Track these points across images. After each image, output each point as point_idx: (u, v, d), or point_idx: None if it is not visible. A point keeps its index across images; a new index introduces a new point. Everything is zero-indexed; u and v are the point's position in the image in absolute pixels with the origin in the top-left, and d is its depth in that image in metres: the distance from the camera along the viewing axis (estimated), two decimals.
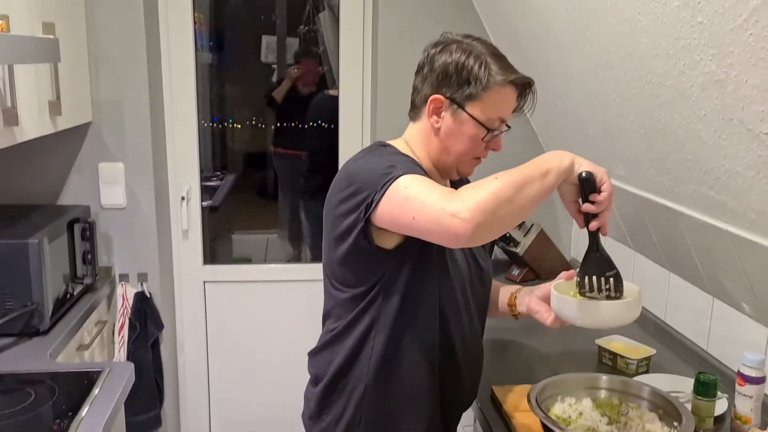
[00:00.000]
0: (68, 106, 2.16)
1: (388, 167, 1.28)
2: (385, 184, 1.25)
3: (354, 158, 1.42)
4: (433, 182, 1.26)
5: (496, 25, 2.51)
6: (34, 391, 1.67)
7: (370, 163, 1.34)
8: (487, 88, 1.34)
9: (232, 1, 3.22)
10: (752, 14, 1.11)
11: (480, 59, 1.35)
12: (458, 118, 1.37)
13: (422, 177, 1.27)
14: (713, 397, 1.50)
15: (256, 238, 3.54)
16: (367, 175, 1.30)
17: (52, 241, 2.03)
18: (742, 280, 1.64)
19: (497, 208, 1.16)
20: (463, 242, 1.18)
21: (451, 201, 1.17)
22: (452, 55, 1.36)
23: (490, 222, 1.16)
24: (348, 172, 1.37)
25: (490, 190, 1.17)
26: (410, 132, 1.46)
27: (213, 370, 2.95)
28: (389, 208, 1.25)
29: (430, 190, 1.22)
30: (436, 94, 1.37)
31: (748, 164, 1.37)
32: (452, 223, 1.15)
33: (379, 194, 1.25)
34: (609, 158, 2.06)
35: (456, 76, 1.35)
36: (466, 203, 1.15)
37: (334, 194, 1.37)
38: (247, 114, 3.43)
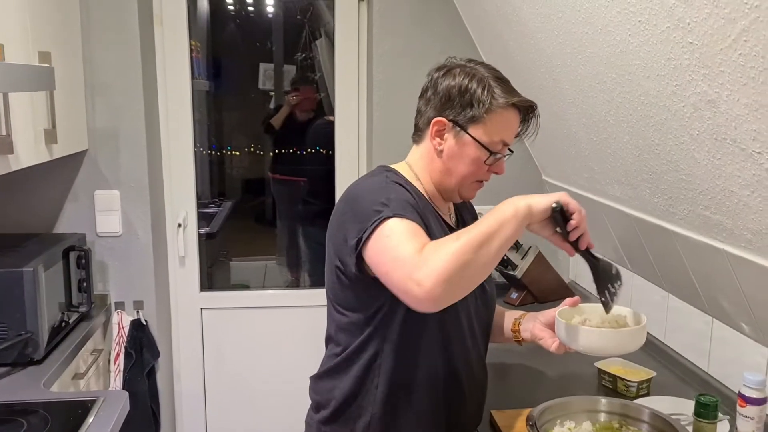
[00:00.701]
0: (64, 134, 2.16)
1: (381, 204, 1.27)
2: (375, 222, 1.25)
3: (356, 182, 1.43)
4: (413, 231, 1.24)
5: (490, 49, 2.53)
6: (26, 421, 1.65)
7: (367, 192, 1.34)
8: (490, 110, 1.36)
9: (229, 29, 3.25)
10: (741, 34, 1.12)
11: (483, 82, 1.37)
12: (461, 140, 1.38)
13: (407, 224, 1.25)
14: (714, 419, 1.48)
15: (255, 265, 3.53)
16: (361, 206, 1.31)
17: (48, 269, 2.03)
18: (740, 300, 1.63)
19: (462, 270, 1.16)
20: (426, 308, 1.19)
21: (418, 265, 1.16)
22: (456, 78, 1.38)
23: (454, 288, 1.17)
24: (348, 197, 1.38)
25: (453, 252, 1.15)
26: (413, 155, 1.47)
27: (210, 398, 2.92)
28: (373, 252, 1.25)
29: (406, 244, 1.20)
30: (439, 116, 1.39)
31: (742, 183, 1.37)
32: (417, 291, 1.15)
33: (368, 231, 1.25)
34: (604, 179, 2.06)
35: (459, 99, 1.37)
36: (430, 270, 1.14)
37: (335, 217, 1.38)
38: (245, 141, 3.44)
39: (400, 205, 1.29)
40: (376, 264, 1.25)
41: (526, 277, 2.49)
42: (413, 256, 1.18)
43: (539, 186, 2.74)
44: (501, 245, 1.20)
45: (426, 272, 1.14)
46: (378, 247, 1.24)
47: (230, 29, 3.26)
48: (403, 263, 1.18)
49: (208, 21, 3.13)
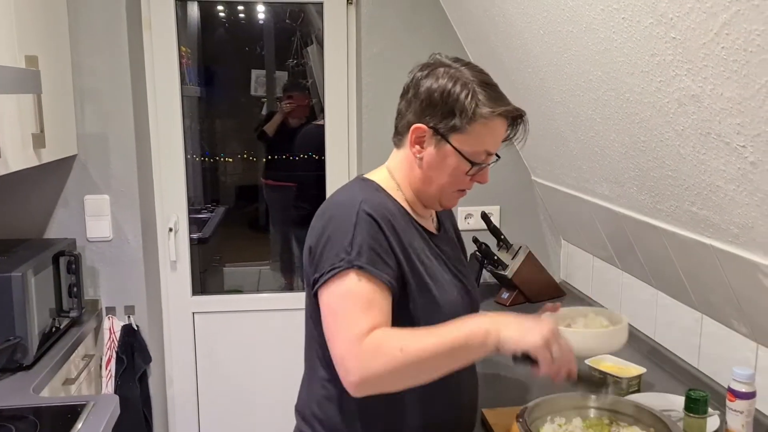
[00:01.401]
0: (52, 139, 2.16)
1: (345, 248, 1.20)
2: (333, 270, 1.19)
3: (334, 196, 1.35)
4: (367, 302, 1.18)
5: (478, 50, 2.54)
6: (14, 426, 1.64)
7: (338, 223, 1.25)
8: (473, 120, 1.26)
9: (219, 35, 3.26)
10: (723, 28, 1.12)
11: (467, 88, 1.26)
12: (441, 150, 1.29)
13: (363, 287, 1.18)
14: (704, 413, 1.48)
15: (248, 271, 3.52)
16: (331, 237, 1.23)
17: (37, 274, 2.02)
18: (729, 295, 1.64)
19: (393, 382, 1.15)
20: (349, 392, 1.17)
21: (352, 355, 1.13)
22: (438, 80, 1.28)
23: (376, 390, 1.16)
24: (326, 216, 1.29)
25: (391, 366, 1.12)
26: (393, 159, 1.40)
27: (203, 403, 2.91)
28: (324, 302, 1.21)
29: (354, 319, 1.16)
30: (419, 122, 1.30)
31: (728, 178, 1.38)
32: (344, 377, 1.15)
33: (326, 276, 1.20)
34: (592, 178, 2.07)
35: (441, 106, 1.27)
36: (362, 371, 1.12)
37: (311, 233, 1.30)
38: (238, 147, 3.44)
39: (366, 254, 1.20)
40: (323, 317, 1.22)
41: (516, 277, 2.49)
42: (353, 342, 1.14)
43: (529, 186, 2.75)
44: (452, 368, 1.17)
45: (357, 367, 1.13)
46: (329, 304, 1.20)
47: (221, 36, 3.26)
48: (341, 342, 1.15)
49: (199, 27, 3.13)
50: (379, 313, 1.18)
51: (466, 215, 2.75)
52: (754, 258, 1.46)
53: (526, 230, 2.80)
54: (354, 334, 1.14)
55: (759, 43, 1.07)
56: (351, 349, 1.14)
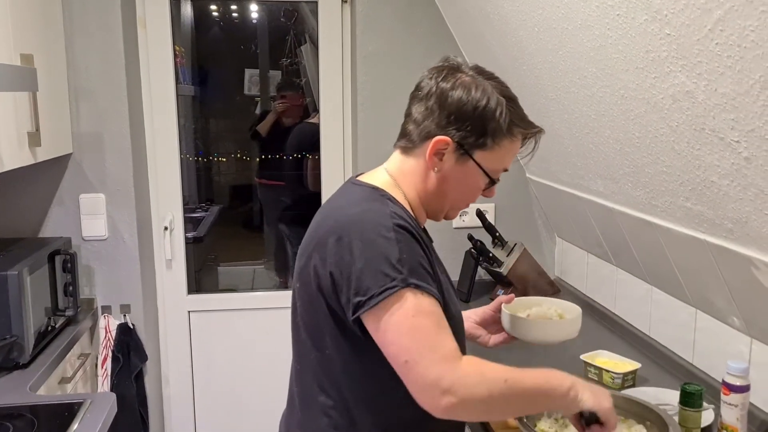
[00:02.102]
0: (48, 138, 2.15)
1: (392, 266, 1.11)
2: (386, 291, 1.10)
3: (340, 206, 1.24)
4: (439, 318, 1.13)
5: (472, 48, 2.55)
6: (12, 424, 1.64)
7: (373, 238, 1.14)
8: (502, 139, 1.24)
9: (213, 34, 3.25)
10: (717, 24, 1.13)
11: (500, 106, 1.22)
12: (463, 165, 1.25)
13: (428, 304, 1.12)
14: (699, 407, 1.50)
15: (243, 270, 3.53)
16: (369, 257, 1.13)
17: (33, 273, 2.02)
18: (723, 290, 1.65)
19: (487, 409, 1.12)
20: (433, 413, 1.11)
21: (452, 374, 1.08)
22: (470, 94, 1.22)
23: (468, 415, 1.14)
24: (344, 233, 1.16)
25: (494, 392, 1.10)
26: (400, 167, 1.30)
27: (199, 401, 2.91)
28: (385, 326, 1.11)
29: (440, 338, 1.10)
30: (442, 134, 1.23)
31: (722, 173, 1.39)
32: (437, 399, 1.08)
33: (374, 300, 1.10)
34: (587, 174, 2.08)
35: (471, 121, 1.22)
36: (464, 390, 1.07)
37: (336, 255, 1.16)
38: (232, 147, 3.44)
39: (416, 269, 1.13)
40: (391, 344, 1.11)
41: (512, 274, 2.50)
42: (450, 362, 1.09)
43: (523, 184, 2.77)
44: (531, 411, 1.20)
45: (461, 386, 1.07)
46: (399, 326, 1.10)
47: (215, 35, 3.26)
48: (432, 363, 1.08)
49: (192, 27, 3.13)
50: (449, 331, 1.14)
51: (461, 213, 2.74)
52: (748, 252, 1.47)
53: (521, 227, 2.81)
54: (445, 354, 1.10)
55: (753, 39, 1.08)
56: (450, 369, 1.08)
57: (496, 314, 1.55)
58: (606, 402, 1.22)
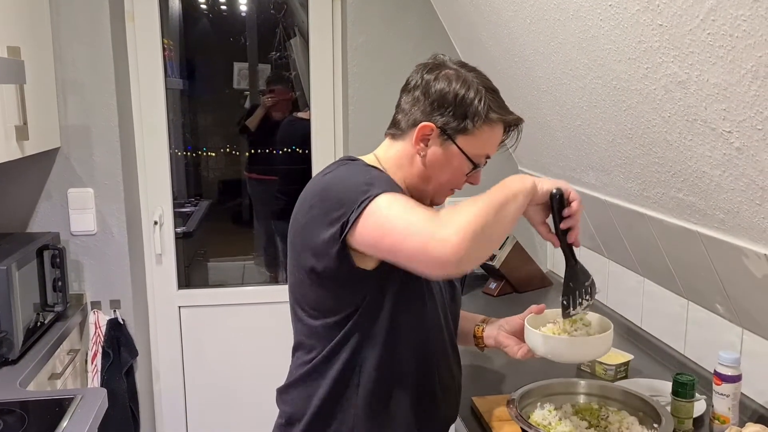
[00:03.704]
0: (35, 131, 2.13)
1: (366, 184, 1.23)
2: (363, 202, 1.20)
3: (323, 172, 1.36)
4: (414, 202, 1.22)
5: (464, 40, 2.54)
6: (2, 420, 1.62)
7: (345, 177, 1.28)
8: (482, 124, 1.32)
9: (202, 27, 3.23)
10: (709, 14, 1.13)
11: (479, 94, 1.32)
12: (447, 150, 1.34)
13: (403, 196, 1.23)
14: (691, 397, 1.50)
15: (233, 265, 3.51)
16: (341, 190, 1.25)
17: (21, 268, 2.00)
18: (715, 281, 1.66)
19: (484, 230, 1.15)
20: (449, 269, 1.15)
21: (439, 225, 1.14)
22: (451, 84, 1.32)
23: (478, 246, 1.15)
24: (319, 186, 1.30)
25: (474, 212, 1.15)
26: (387, 151, 1.40)
27: (190, 396, 2.90)
28: (368, 230, 1.19)
29: (414, 212, 1.18)
30: (427, 121, 1.33)
31: (713, 164, 1.39)
32: (442, 249, 1.12)
33: (356, 213, 1.19)
34: (579, 166, 2.08)
35: (453, 108, 1.31)
36: (455, 227, 1.12)
37: (302, 212, 1.31)
38: (221, 141, 3.42)
39: (388, 184, 1.25)
40: (377, 239, 1.19)
41: (504, 267, 2.50)
42: (430, 219, 1.15)
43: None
44: (514, 213, 1.23)
45: (451, 230, 1.12)
46: (377, 222, 1.18)
47: (203, 28, 3.23)
48: (419, 227, 1.15)
49: (181, 20, 3.10)
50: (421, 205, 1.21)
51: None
52: (739, 243, 1.48)
53: None
54: (424, 217, 1.16)
55: (745, 29, 1.08)
56: (431, 224, 1.14)
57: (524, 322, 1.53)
58: (561, 182, 1.31)
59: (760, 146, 1.22)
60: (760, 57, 1.08)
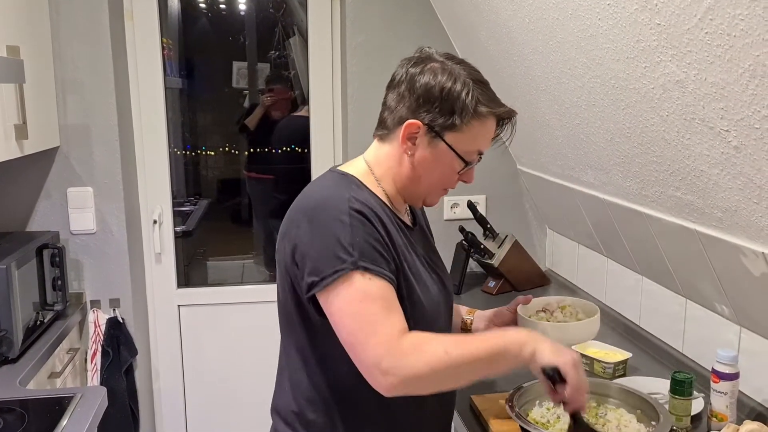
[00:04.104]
0: (35, 130, 2.13)
1: (344, 249, 1.15)
2: (336, 273, 1.15)
3: (311, 190, 1.29)
4: (387, 301, 1.16)
5: (463, 39, 2.54)
6: (2, 419, 1.63)
7: (328, 219, 1.19)
8: (471, 119, 1.25)
9: (201, 27, 3.23)
10: (706, 13, 1.14)
11: (467, 86, 1.25)
12: (435, 148, 1.27)
13: (378, 287, 1.16)
14: (689, 395, 1.51)
15: (232, 264, 3.51)
16: (323, 238, 1.18)
17: (20, 267, 2.00)
18: (713, 279, 1.66)
19: (432, 383, 1.14)
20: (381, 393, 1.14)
21: (392, 355, 1.11)
22: (437, 77, 1.25)
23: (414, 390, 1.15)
24: (306, 214, 1.23)
25: (434, 366, 1.12)
26: (376, 154, 1.34)
27: (189, 395, 2.90)
28: (336, 308, 1.16)
29: (382, 321, 1.13)
30: (413, 118, 1.26)
31: (711, 162, 1.39)
32: (378, 381, 1.12)
33: (326, 281, 1.15)
34: (577, 165, 2.08)
35: (439, 103, 1.24)
36: (405, 368, 1.10)
37: (289, 228, 1.24)
38: (220, 140, 3.42)
39: (368, 253, 1.17)
40: (339, 325, 1.16)
41: (503, 265, 2.51)
42: (390, 343, 1.12)
43: (514, 176, 2.77)
44: (487, 374, 1.19)
45: (399, 367, 1.11)
46: (345, 309, 1.15)
47: (202, 27, 3.23)
48: (375, 346, 1.11)
49: (180, 19, 3.10)
50: (398, 312, 1.17)
51: (452, 204, 2.76)
52: (737, 241, 1.48)
53: (512, 219, 2.81)
54: (388, 335, 1.13)
55: (742, 28, 1.08)
56: (389, 350, 1.11)
57: (513, 314, 1.54)
58: (566, 356, 1.20)
59: (757, 145, 1.22)
60: (757, 56, 1.08)
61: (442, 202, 2.75)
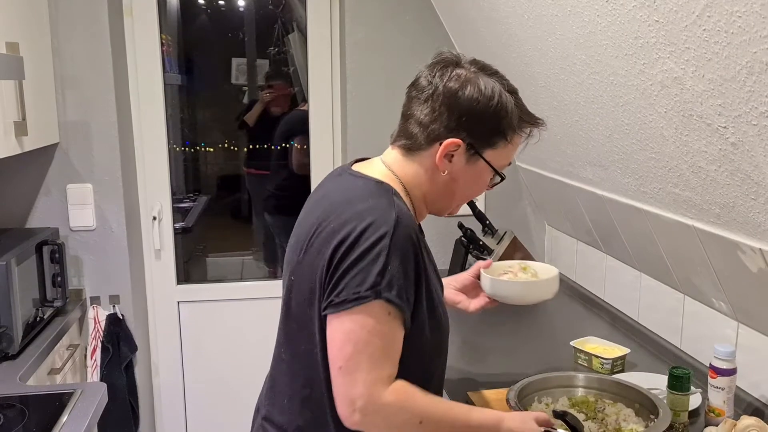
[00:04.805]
0: (34, 127, 2.14)
1: (378, 273, 1.11)
2: (361, 299, 1.11)
3: (352, 202, 1.19)
4: (390, 346, 1.14)
5: (462, 36, 2.54)
6: (3, 414, 1.63)
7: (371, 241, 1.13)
8: (513, 136, 1.25)
9: (200, 23, 3.23)
10: (704, 10, 1.14)
11: (509, 104, 1.23)
12: (474, 164, 1.24)
13: (389, 328, 1.13)
14: (687, 390, 1.51)
15: (231, 261, 3.51)
16: (359, 257, 1.12)
17: (20, 263, 2.00)
18: (710, 275, 1.67)
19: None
20: (342, 421, 1.15)
21: (369, 399, 1.11)
22: (481, 93, 1.21)
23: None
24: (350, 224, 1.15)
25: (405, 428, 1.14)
26: (402, 167, 1.27)
27: (189, 391, 2.91)
28: (339, 326, 1.13)
29: (377, 364, 1.12)
30: (453, 136, 1.21)
31: (709, 159, 1.40)
32: (347, 411, 1.12)
33: (350, 304, 1.11)
34: (576, 162, 2.09)
35: (483, 123, 1.21)
36: (372, 419, 1.12)
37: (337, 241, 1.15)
38: (219, 137, 3.42)
39: (394, 282, 1.12)
40: (338, 342, 1.13)
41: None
42: (376, 386, 1.12)
43: (513, 172, 2.77)
44: None
45: (373, 413, 1.12)
46: (352, 333, 1.12)
47: (201, 23, 3.23)
48: (362, 381, 1.11)
49: (179, 15, 3.10)
50: (394, 358, 1.16)
51: None
52: (734, 237, 1.49)
53: (511, 215, 2.82)
54: (377, 377, 1.12)
55: (740, 25, 1.08)
56: (373, 392, 1.12)
57: (475, 280, 1.62)
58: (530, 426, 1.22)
59: (755, 141, 1.22)
60: (755, 53, 1.09)
61: None
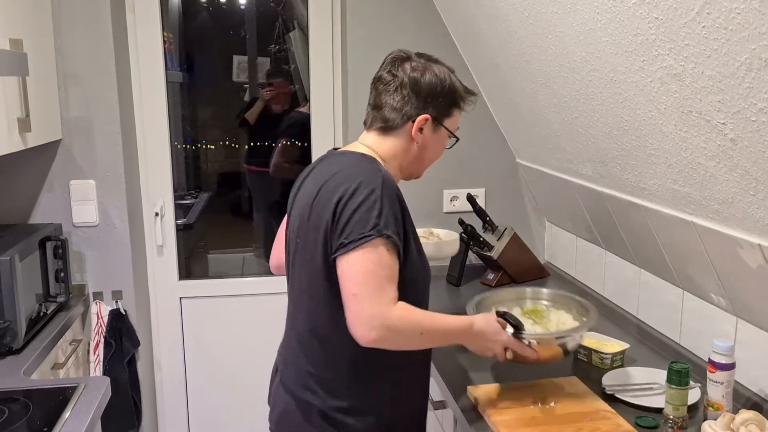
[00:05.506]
0: (38, 123, 2.15)
1: (377, 216, 1.36)
2: (366, 237, 1.34)
3: (346, 167, 1.46)
4: (392, 271, 1.38)
5: (462, 33, 2.55)
6: (7, 408, 1.65)
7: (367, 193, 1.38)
8: (462, 105, 1.57)
9: (202, 20, 3.23)
10: (704, 7, 1.15)
11: (456, 81, 1.56)
12: (438, 133, 1.55)
13: (391, 258, 1.37)
14: (686, 385, 1.52)
15: (232, 257, 3.52)
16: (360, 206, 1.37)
17: (24, 259, 2.02)
18: (709, 271, 1.68)
19: (405, 345, 1.41)
20: (360, 342, 1.35)
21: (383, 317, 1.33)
22: (437, 76, 1.52)
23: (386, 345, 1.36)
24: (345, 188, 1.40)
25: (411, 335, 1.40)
26: (381, 144, 1.54)
27: (191, 386, 2.92)
28: (351, 261, 1.35)
29: (384, 287, 1.35)
30: (422, 113, 1.51)
31: (708, 155, 1.41)
32: (368, 332, 1.33)
33: (353, 244, 1.34)
34: (576, 159, 2.10)
35: (443, 98, 1.52)
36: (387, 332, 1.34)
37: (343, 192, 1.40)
38: (220, 134, 3.43)
39: (390, 222, 1.38)
40: (350, 275, 1.35)
41: (502, 257, 2.52)
42: (385, 306, 1.34)
43: (513, 169, 2.78)
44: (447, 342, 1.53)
45: (387, 327, 1.34)
46: (364, 265, 1.34)
47: (203, 21, 3.24)
48: (373, 303, 1.33)
49: (180, 13, 3.11)
50: (396, 283, 1.39)
51: (452, 197, 2.77)
52: (734, 233, 1.50)
53: (511, 212, 2.83)
54: (385, 298, 1.35)
55: (739, 21, 1.09)
56: (384, 311, 1.34)
57: None
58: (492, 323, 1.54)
59: (754, 137, 1.24)
60: (754, 49, 1.10)
61: (441, 195, 2.77)
